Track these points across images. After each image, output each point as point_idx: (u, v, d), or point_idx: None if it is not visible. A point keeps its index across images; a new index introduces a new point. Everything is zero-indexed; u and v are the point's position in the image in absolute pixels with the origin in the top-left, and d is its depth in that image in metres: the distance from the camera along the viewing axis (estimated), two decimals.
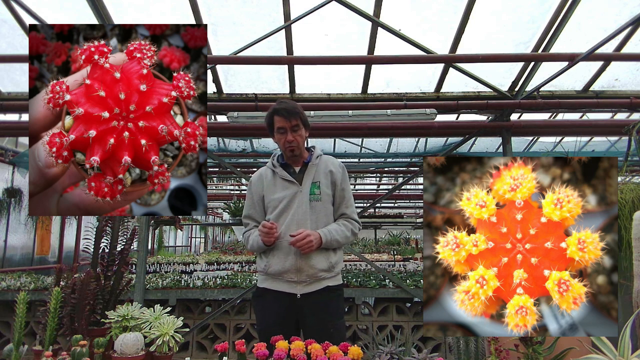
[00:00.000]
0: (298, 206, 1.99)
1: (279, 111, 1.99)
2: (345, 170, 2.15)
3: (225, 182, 11.50)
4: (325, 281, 1.99)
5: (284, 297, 1.96)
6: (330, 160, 2.14)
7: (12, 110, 4.46)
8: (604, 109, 4.59)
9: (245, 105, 4.28)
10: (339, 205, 2.09)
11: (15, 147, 6.87)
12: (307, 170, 2.06)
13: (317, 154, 2.11)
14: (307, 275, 1.94)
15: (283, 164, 2.10)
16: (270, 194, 2.05)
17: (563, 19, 3.62)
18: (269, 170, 2.11)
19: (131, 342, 1.47)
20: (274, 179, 2.08)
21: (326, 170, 2.07)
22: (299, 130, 2.02)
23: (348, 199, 2.11)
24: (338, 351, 1.43)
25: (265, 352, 1.41)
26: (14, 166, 6.79)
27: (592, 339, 1.30)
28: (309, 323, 1.95)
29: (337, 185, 2.07)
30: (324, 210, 2.02)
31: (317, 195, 2.02)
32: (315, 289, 1.96)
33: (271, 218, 2.01)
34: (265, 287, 2.02)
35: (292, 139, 2.00)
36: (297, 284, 1.95)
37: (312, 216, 1.99)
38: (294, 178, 2.04)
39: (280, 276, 1.97)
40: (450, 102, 4.22)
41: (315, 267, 1.94)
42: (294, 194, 2.01)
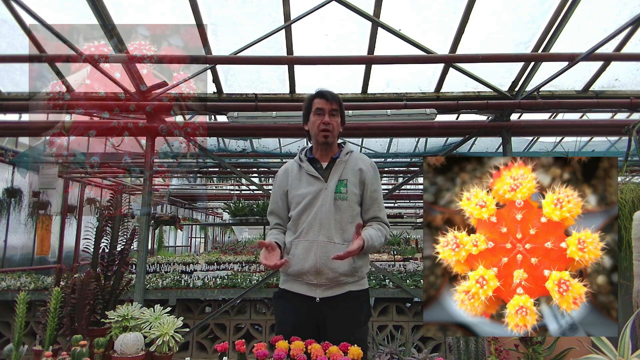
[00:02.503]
0: (322, 204, 1.87)
1: (322, 93, 1.94)
2: (377, 170, 2.03)
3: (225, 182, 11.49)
4: (347, 286, 1.87)
5: (303, 299, 1.86)
6: (361, 157, 2.02)
7: (12, 110, 4.46)
8: (604, 109, 4.59)
9: (245, 105, 4.28)
10: (370, 207, 1.96)
11: (15, 147, 6.86)
12: (334, 166, 1.95)
13: (347, 150, 2.00)
14: (327, 278, 1.82)
15: (310, 159, 2.00)
16: (295, 189, 1.95)
17: (563, 19, 3.62)
18: (296, 165, 2.01)
19: (131, 342, 1.47)
20: (300, 174, 1.98)
21: (355, 168, 1.95)
22: (336, 116, 1.95)
23: (380, 201, 1.98)
24: (338, 351, 1.43)
25: (266, 352, 1.41)
26: (14, 166, 6.79)
27: (592, 339, 1.30)
28: (328, 330, 1.82)
29: (368, 186, 1.95)
30: (349, 210, 1.90)
31: (343, 194, 1.89)
32: (336, 293, 1.85)
33: (293, 215, 1.92)
34: (285, 288, 1.94)
35: (328, 121, 1.91)
36: (316, 287, 1.84)
37: (336, 216, 1.87)
38: (320, 174, 1.93)
39: (299, 277, 1.87)
40: (450, 102, 4.22)
41: (336, 270, 1.82)
42: (318, 190, 1.90)
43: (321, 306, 1.83)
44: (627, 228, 1.53)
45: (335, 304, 1.83)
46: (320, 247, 1.83)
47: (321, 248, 1.82)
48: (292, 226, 1.95)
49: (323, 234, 1.84)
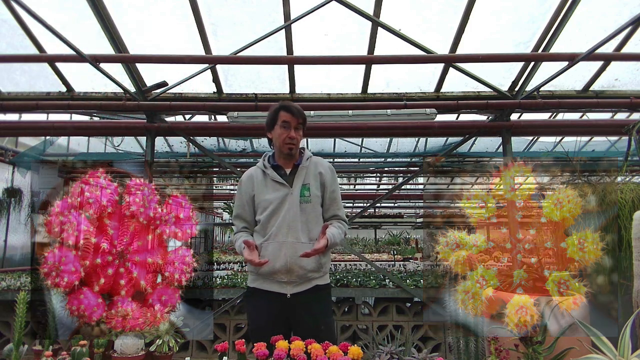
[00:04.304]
0: (289, 208, 2.01)
1: (288, 107, 2.04)
2: (334, 172, 2.19)
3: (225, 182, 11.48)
4: (314, 281, 2.03)
5: (275, 296, 1.99)
6: (319, 162, 2.17)
7: (11, 110, 4.46)
8: (604, 108, 4.59)
9: (245, 105, 4.28)
10: (330, 206, 2.11)
11: (15, 147, 6.86)
12: (297, 172, 2.09)
13: (307, 156, 2.14)
14: (297, 275, 1.98)
15: (274, 165, 2.12)
16: (261, 195, 2.07)
17: (563, 19, 3.62)
18: (260, 171, 2.14)
19: (131, 342, 1.47)
20: (265, 180, 2.10)
21: (316, 172, 2.11)
22: (300, 130, 2.08)
23: (339, 200, 2.15)
24: (338, 351, 1.43)
25: (265, 352, 1.41)
26: (14, 166, 6.79)
27: (592, 338, 1.29)
28: (300, 321, 1.98)
29: (327, 187, 2.11)
30: (313, 212, 2.05)
31: (307, 197, 2.05)
32: (305, 288, 2.00)
33: (261, 219, 2.03)
34: (255, 286, 2.05)
35: (294, 136, 2.04)
36: (287, 284, 1.98)
37: (302, 218, 2.01)
38: (285, 180, 2.06)
39: (270, 276, 2.00)
40: (450, 102, 4.22)
41: (305, 267, 1.98)
42: (284, 195, 2.03)
43: (292, 301, 1.98)
44: (627, 228, 1.53)
45: (305, 297, 1.99)
46: (289, 247, 1.97)
47: (290, 248, 1.97)
48: (260, 229, 2.06)
49: (291, 235, 1.98)
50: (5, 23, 3.84)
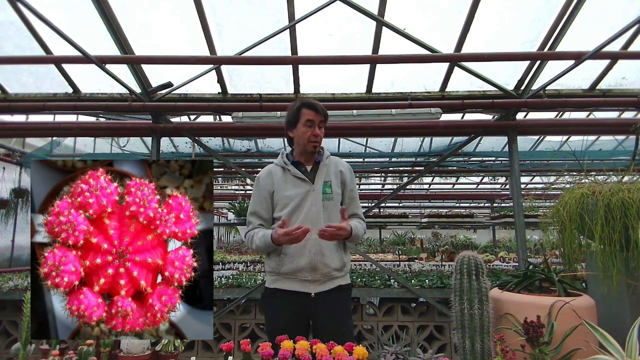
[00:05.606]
0: (311, 205, 1.99)
1: (313, 105, 2.05)
2: (352, 172, 2.20)
3: (230, 182, 11.53)
4: (337, 280, 2.01)
5: (298, 296, 1.96)
6: (339, 161, 2.18)
7: (19, 111, 4.50)
8: (611, 107, 4.55)
9: (249, 106, 4.28)
10: (349, 205, 2.11)
11: (23, 147, 6.92)
12: (319, 169, 2.07)
13: (326, 155, 2.14)
14: (321, 274, 1.95)
15: (294, 162, 2.09)
16: (281, 191, 2.03)
17: (569, 17, 3.59)
18: (279, 168, 2.10)
19: (137, 341, 1.47)
20: (285, 176, 2.06)
21: (336, 170, 2.10)
22: (323, 127, 2.09)
23: (357, 199, 2.17)
24: (343, 351, 1.43)
25: (271, 351, 1.41)
26: (22, 167, 6.84)
27: (600, 339, 1.29)
28: (321, 322, 1.96)
29: (347, 186, 2.11)
30: (335, 209, 2.02)
31: (329, 194, 2.03)
32: (328, 287, 1.98)
33: (282, 215, 1.97)
34: (276, 287, 2.01)
35: (318, 133, 2.04)
36: (311, 282, 1.95)
37: (324, 215, 1.99)
38: (306, 176, 2.04)
39: (293, 275, 1.96)
40: (456, 102, 4.20)
41: (329, 265, 1.96)
42: (306, 192, 2.01)
43: (315, 301, 1.95)
44: (635, 228, 1.52)
45: (328, 297, 1.97)
46: (313, 244, 1.95)
47: (314, 246, 1.95)
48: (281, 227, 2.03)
49: (315, 232, 1.92)
50: (12, 25, 3.87)
